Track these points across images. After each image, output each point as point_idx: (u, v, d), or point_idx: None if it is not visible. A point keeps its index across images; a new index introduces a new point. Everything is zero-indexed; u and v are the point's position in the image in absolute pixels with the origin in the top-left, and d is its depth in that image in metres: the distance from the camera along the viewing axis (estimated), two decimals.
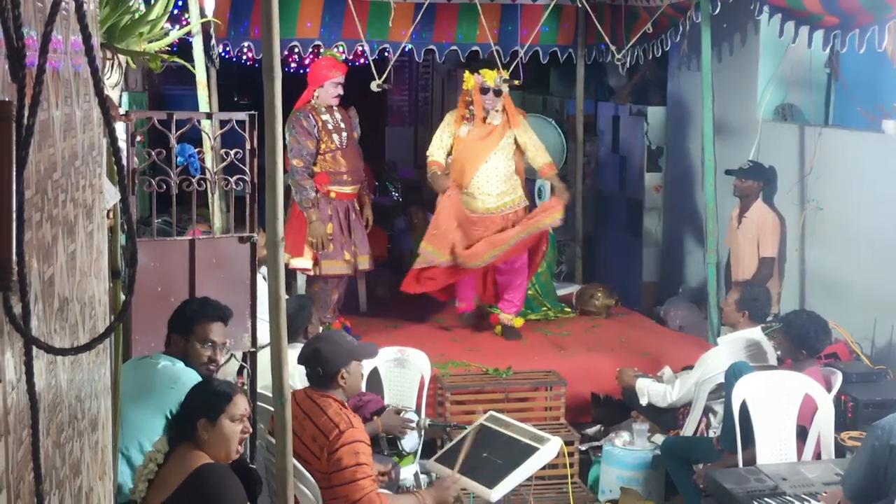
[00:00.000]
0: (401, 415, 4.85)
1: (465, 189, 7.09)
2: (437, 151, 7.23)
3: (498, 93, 7.02)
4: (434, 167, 7.19)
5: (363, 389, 5.44)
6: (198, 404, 3.38)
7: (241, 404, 3.41)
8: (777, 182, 6.92)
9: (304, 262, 6.97)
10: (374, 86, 7.33)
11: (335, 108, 7.05)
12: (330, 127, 6.96)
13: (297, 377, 4.82)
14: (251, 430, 3.58)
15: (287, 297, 6.09)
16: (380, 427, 4.79)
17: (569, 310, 7.91)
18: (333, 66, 7.03)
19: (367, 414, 4.83)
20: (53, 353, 1.70)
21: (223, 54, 7.98)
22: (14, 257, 1.49)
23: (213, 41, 7.02)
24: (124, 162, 3.79)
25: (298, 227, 6.94)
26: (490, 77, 7.00)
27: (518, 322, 7.21)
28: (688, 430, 5.62)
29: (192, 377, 3.80)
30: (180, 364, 3.90)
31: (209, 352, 3.97)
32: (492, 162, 7.07)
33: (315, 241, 6.90)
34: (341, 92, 7.01)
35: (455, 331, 7.35)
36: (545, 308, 7.84)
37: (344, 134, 7.02)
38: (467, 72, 7.16)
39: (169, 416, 3.59)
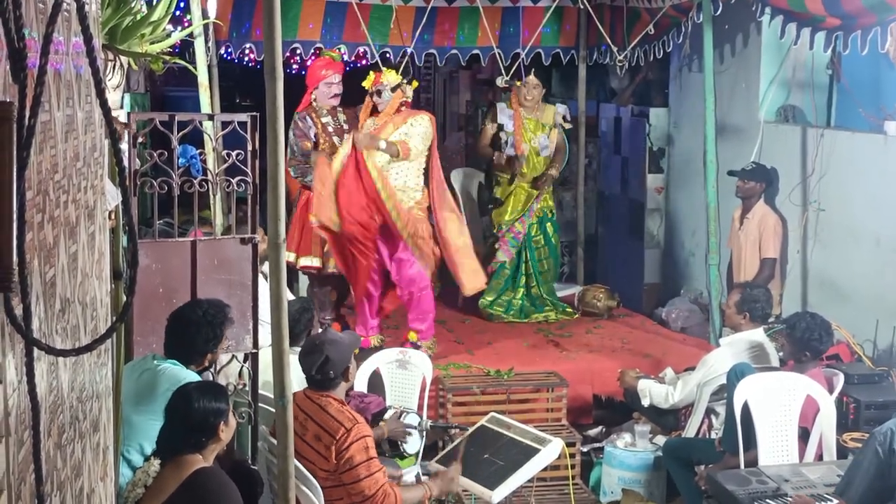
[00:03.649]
0: (402, 417, 4.85)
1: None
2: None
3: (379, 93, 6.49)
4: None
5: (365, 391, 5.45)
6: (215, 411, 3.37)
7: None
8: (779, 183, 6.91)
9: (311, 259, 6.90)
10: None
11: (339, 109, 6.98)
12: (330, 129, 6.87)
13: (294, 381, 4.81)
14: None
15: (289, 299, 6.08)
16: (385, 432, 4.79)
17: (571, 311, 7.91)
18: (326, 65, 6.92)
19: (368, 416, 4.83)
20: (54, 355, 1.70)
21: (226, 56, 7.98)
22: (15, 258, 1.49)
23: (211, 43, 7.01)
24: (126, 163, 3.79)
25: (303, 225, 6.87)
26: (368, 80, 6.54)
27: (431, 349, 6.57)
28: (689, 431, 5.62)
29: (194, 379, 3.80)
30: (180, 365, 3.90)
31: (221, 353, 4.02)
32: (374, 154, 6.38)
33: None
34: (337, 91, 6.89)
35: (457, 332, 7.35)
36: (547, 309, 7.84)
37: (346, 136, 6.95)
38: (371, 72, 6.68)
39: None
